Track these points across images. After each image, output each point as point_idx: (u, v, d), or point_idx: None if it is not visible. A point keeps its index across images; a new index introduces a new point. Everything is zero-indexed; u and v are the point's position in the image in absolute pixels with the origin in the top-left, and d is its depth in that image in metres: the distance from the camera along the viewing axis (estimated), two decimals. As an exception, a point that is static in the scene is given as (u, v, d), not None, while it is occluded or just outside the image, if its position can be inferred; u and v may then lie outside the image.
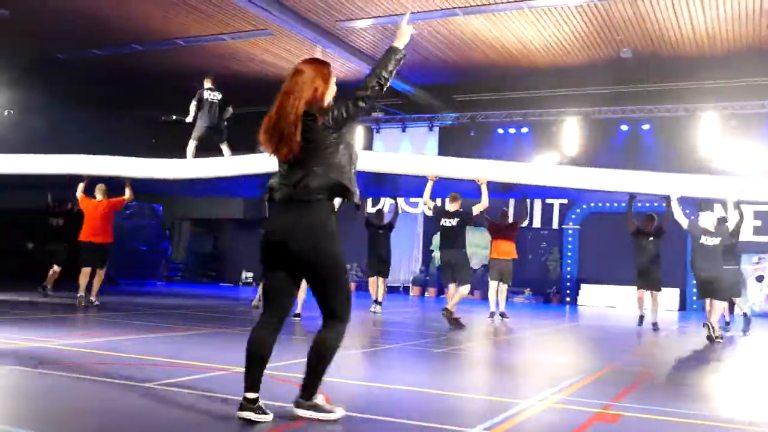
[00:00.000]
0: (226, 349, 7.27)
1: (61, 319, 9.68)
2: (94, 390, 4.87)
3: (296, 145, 4.10)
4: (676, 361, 8.65)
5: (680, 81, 17.39)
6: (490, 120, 19.78)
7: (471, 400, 5.34)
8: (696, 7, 12.93)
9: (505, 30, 14.40)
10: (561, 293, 19.03)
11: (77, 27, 15.22)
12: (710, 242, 9.80)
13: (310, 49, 16.12)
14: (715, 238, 9.81)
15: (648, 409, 5.08)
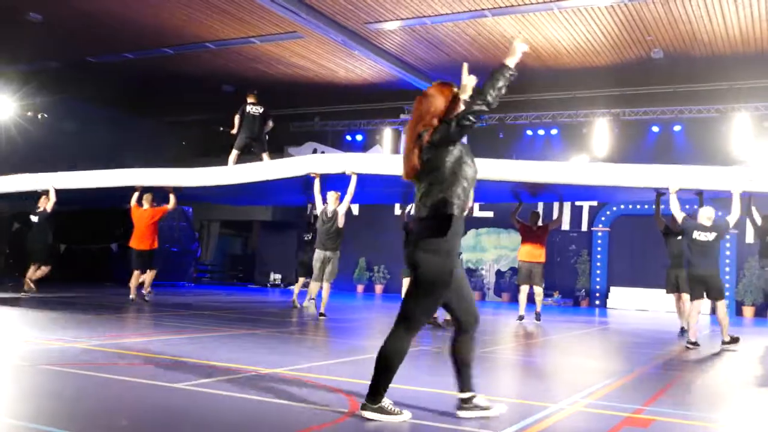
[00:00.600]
0: (255, 350, 7.31)
1: (94, 320, 9.80)
2: (127, 390, 4.93)
3: (412, 165, 4.35)
4: (709, 366, 8.52)
5: (712, 81, 17.16)
6: (519, 122, 19.69)
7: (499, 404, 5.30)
8: (729, 7, 12.74)
9: (534, 31, 14.32)
10: (590, 296, 18.86)
11: (109, 31, 15.41)
12: (703, 238, 9.21)
13: (339, 52, 16.19)
14: (710, 233, 9.22)
15: (680, 414, 5.01)
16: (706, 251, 9.20)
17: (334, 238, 11.23)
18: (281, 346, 7.80)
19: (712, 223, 9.28)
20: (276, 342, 8.22)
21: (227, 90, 19.48)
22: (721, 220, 9.52)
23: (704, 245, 9.18)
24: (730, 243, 17.71)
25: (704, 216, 9.32)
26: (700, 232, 9.22)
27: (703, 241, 9.18)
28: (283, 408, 4.54)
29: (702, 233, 9.21)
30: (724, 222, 9.43)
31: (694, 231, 9.24)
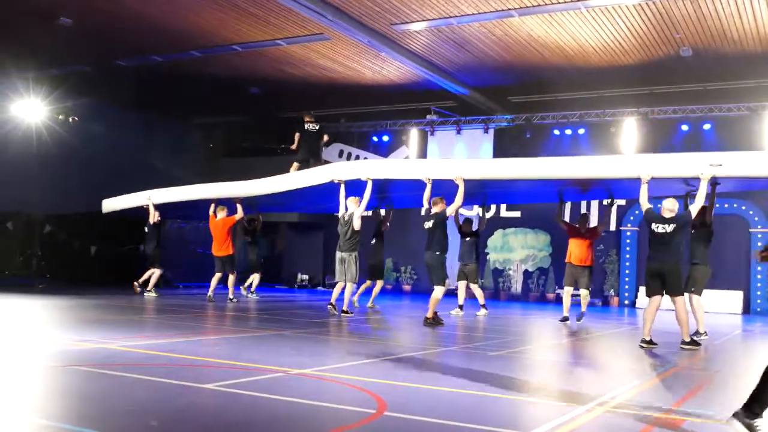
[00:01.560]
0: (280, 351, 7.35)
1: (123, 321, 9.93)
2: (156, 391, 4.99)
3: None
4: (739, 366, 8.42)
5: (742, 79, 16.92)
6: (545, 121, 19.58)
7: (528, 404, 5.30)
8: (760, 3, 12.56)
9: (561, 30, 14.23)
10: (619, 296, 18.70)
11: (137, 34, 15.59)
12: (662, 230, 8.82)
13: (365, 53, 16.23)
14: (669, 225, 8.78)
15: (710, 414, 4.96)
16: (665, 244, 8.81)
17: (350, 240, 11.75)
18: (308, 347, 7.84)
19: (673, 215, 8.87)
20: (303, 342, 8.27)
21: (254, 92, 19.61)
22: (682, 212, 9.08)
23: (663, 237, 8.81)
24: (762, 241, 17.46)
25: (665, 207, 8.93)
26: (659, 224, 8.85)
27: (661, 233, 8.82)
28: (311, 408, 4.57)
29: (661, 225, 8.83)
30: (685, 214, 9.03)
31: (653, 223, 8.91)
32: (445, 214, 10.91)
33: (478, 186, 11.73)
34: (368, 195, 11.71)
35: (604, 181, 10.79)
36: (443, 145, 20.72)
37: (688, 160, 9.70)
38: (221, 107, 21.76)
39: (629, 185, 10.45)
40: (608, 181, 10.78)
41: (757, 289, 17.29)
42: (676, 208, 8.94)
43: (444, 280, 10.88)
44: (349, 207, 11.86)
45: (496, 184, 11.69)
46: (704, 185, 9.22)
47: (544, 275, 19.54)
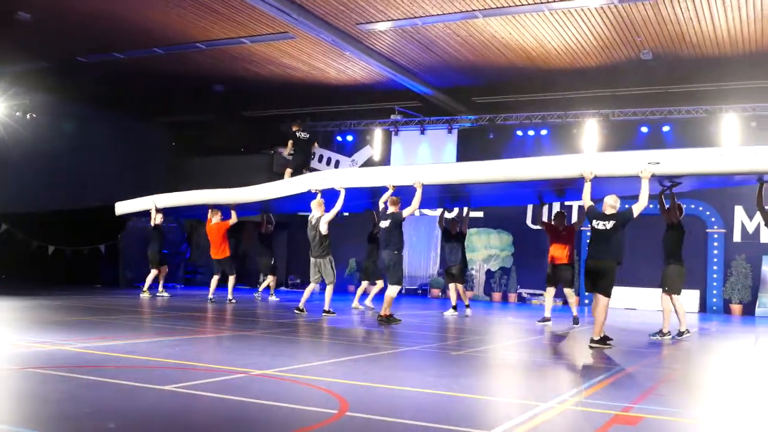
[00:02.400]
0: (246, 351, 7.31)
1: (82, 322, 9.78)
2: (114, 393, 4.92)
3: None
4: (697, 363, 8.58)
5: (701, 82, 17.22)
6: (509, 122, 19.73)
7: (489, 403, 5.33)
8: (718, 9, 12.81)
9: (524, 32, 14.35)
10: (580, 295, 18.92)
11: (99, 30, 15.34)
12: (601, 226, 8.72)
13: (330, 52, 16.19)
14: (608, 222, 8.68)
15: (668, 411, 5.05)
16: (603, 241, 8.72)
17: (318, 245, 11.83)
18: (272, 348, 7.80)
19: (614, 212, 8.80)
20: (267, 343, 8.22)
21: (218, 90, 19.45)
22: (623, 209, 8.91)
23: (601, 234, 8.71)
24: (717, 242, 17.81)
25: (606, 203, 8.87)
26: (599, 221, 8.77)
27: (600, 229, 8.72)
28: (273, 409, 4.55)
29: (601, 222, 8.75)
30: (625, 211, 8.83)
31: (593, 219, 8.85)
32: (402, 215, 10.95)
33: (448, 190, 11.91)
34: (340, 203, 11.82)
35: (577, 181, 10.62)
36: (407, 145, 20.76)
37: (628, 159, 9.74)
38: (185, 105, 21.54)
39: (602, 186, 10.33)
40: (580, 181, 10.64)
41: (713, 288, 17.63)
42: (617, 205, 8.89)
43: (400, 279, 10.97)
44: (314, 211, 11.98)
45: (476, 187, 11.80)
46: (645, 184, 9.14)
47: (507, 275, 19.70)
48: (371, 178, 12.22)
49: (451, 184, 11.55)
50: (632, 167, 9.44)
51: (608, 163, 9.82)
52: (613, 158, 10.03)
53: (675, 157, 9.50)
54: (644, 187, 9.14)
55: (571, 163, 10.27)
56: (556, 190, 12.27)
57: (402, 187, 11.44)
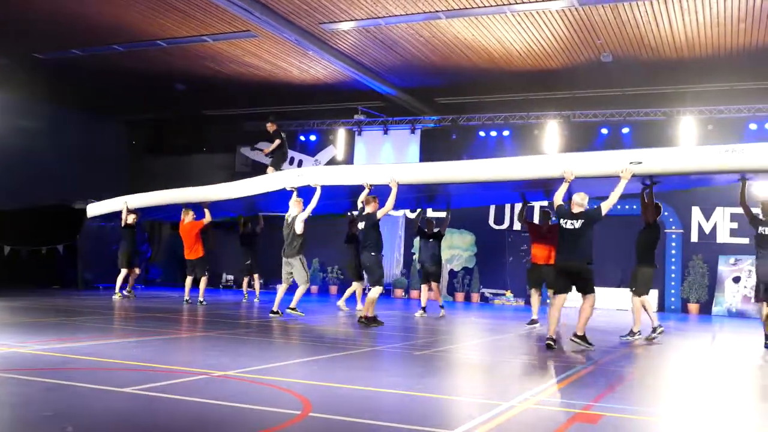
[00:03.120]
0: (207, 352, 7.24)
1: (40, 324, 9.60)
2: (73, 395, 4.84)
3: None
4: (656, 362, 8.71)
5: (659, 85, 17.52)
6: (471, 123, 19.85)
7: (452, 402, 5.35)
8: (675, 13, 13.03)
9: (487, 33, 14.44)
10: (542, 295, 19.07)
11: (57, 27, 15.05)
12: (570, 226, 8.53)
13: (293, 52, 16.11)
14: (577, 221, 8.49)
15: (627, 409, 5.12)
16: (573, 240, 8.53)
17: (292, 245, 11.43)
18: (234, 348, 7.73)
19: (582, 210, 8.62)
20: (228, 344, 8.15)
21: (179, 88, 19.23)
22: (591, 208, 8.72)
23: (571, 234, 8.53)
24: (675, 242, 18.13)
25: (574, 202, 8.70)
26: (568, 220, 8.58)
27: (570, 229, 8.53)
28: (234, 411, 4.51)
29: (570, 221, 8.57)
30: (593, 209, 8.65)
31: (562, 218, 8.65)
32: (376, 216, 10.73)
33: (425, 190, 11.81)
34: (315, 201, 11.48)
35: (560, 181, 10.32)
36: (370, 145, 20.76)
37: (609, 158, 9.68)
38: (146, 104, 21.26)
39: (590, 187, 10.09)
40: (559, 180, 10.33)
41: (671, 288, 17.95)
42: (585, 203, 8.73)
43: (381, 279, 10.74)
44: (291, 209, 11.63)
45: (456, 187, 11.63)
46: (622, 183, 9.02)
47: (470, 275, 19.81)
48: (347, 176, 11.95)
49: (430, 184, 11.40)
50: (613, 167, 9.33)
51: (589, 163, 9.71)
52: (594, 158, 9.94)
53: (657, 157, 9.42)
54: (619, 186, 8.99)
55: (551, 162, 10.17)
56: (544, 190, 11.91)
57: (380, 186, 11.21)
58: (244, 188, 13.60)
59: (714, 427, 4.92)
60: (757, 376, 7.89)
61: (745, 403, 6.13)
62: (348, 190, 12.14)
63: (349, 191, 12.16)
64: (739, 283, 17.33)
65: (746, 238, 17.21)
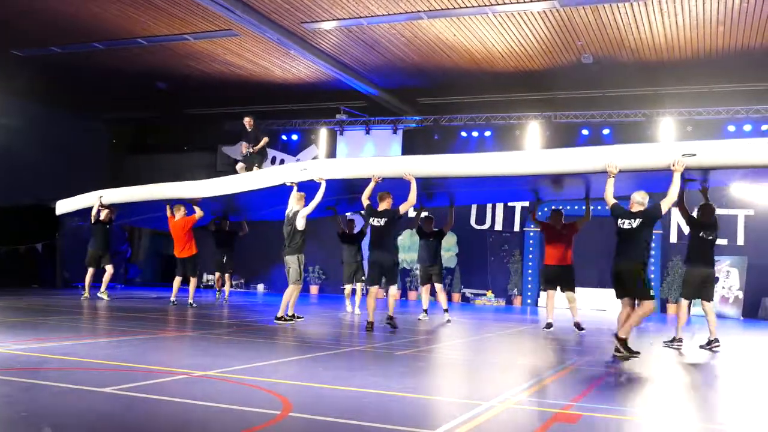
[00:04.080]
0: (185, 353, 7.20)
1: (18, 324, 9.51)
2: (52, 395, 4.80)
3: None
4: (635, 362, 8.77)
5: (639, 87, 17.67)
6: (453, 123, 19.90)
7: (433, 402, 5.36)
8: (655, 15, 13.14)
9: (468, 34, 14.49)
10: (523, 295, 19.19)
11: (35, 23, 14.91)
12: (626, 225, 8.05)
13: (275, 51, 16.07)
14: (634, 220, 8.03)
15: (606, 408, 5.15)
16: (627, 240, 8.07)
17: (292, 242, 10.75)
18: (214, 348, 7.71)
19: (642, 209, 8.12)
20: (209, 344, 8.12)
21: (160, 87, 19.12)
22: (651, 206, 8.21)
23: (627, 234, 8.05)
24: (654, 243, 18.26)
25: (634, 200, 8.18)
26: (624, 219, 8.09)
27: (626, 229, 8.05)
28: (214, 411, 4.49)
29: (627, 220, 8.07)
30: (652, 207, 8.15)
31: (619, 218, 8.15)
32: (399, 211, 10.05)
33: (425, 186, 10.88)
34: (320, 197, 10.64)
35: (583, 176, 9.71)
36: (352, 145, 20.75)
37: (659, 150, 9.03)
38: (126, 102, 21.11)
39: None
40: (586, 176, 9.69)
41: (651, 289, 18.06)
42: (646, 202, 8.17)
43: (397, 277, 10.41)
44: (291, 205, 10.88)
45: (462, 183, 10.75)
46: (677, 177, 8.37)
47: (451, 275, 19.82)
48: (355, 169, 11.03)
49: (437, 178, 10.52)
50: (664, 159, 8.59)
51: (636, 156, 8.97)
52: (642, 150, 9.21)
53: (712, 149, 8.69)
54: (675, 181, 8.36)
55: (593, 155, 9.25)
56: (554, 187, 11.12)
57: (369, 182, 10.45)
58: (239, 184, 12.65)
59: (691, 425, 4.96)
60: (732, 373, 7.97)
61: (722, 401, 6.20)
62: (346, 186, 11.32)
63: (347, 186, 11.39)
64: (717, 284, 17.49)
65: (724, 240, 17.39)
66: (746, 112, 17.09)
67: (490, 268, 19.63)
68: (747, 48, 14.56)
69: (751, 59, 15.16)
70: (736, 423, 5.12)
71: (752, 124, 17.05)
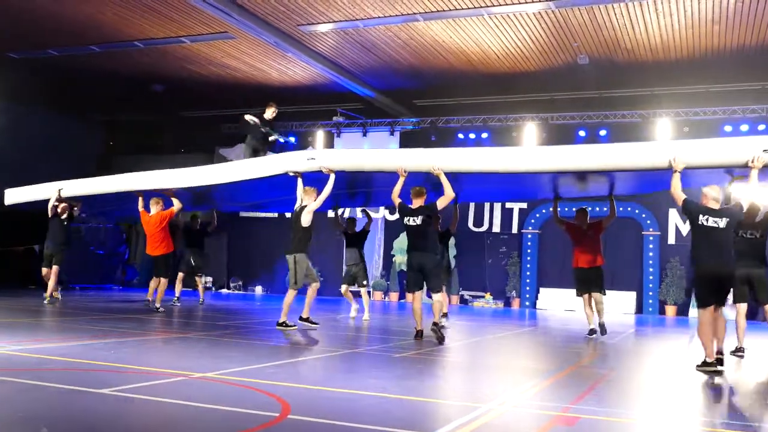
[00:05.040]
0: (183, 354, 7.19)
1: (15, 324, 9.48)
2: (49, 396, 4.78)
3: None
4: (634, 364, 8.78)
5: (635, 87, 17.70)
6: (450, 125, 19.90)
7: (431, 405, 5.36)
8: (651, 15, 13.16)
9: (465, 36, 14.49)
10: (521, 297, 19.19)
11: (32, 26, 14.91)
12: (712, 224, 7.34)
13: (271, 53, 16.07)
14: (720, 219, 7.36)
15: (604, 411, 5.15)
16: (722, 242, 7.40)
17: (295, 239, 9.93)
18: (212, 350, 7.69)
19: (721, 207, 7.53)
20: (207, 346, 8.10)
21: (157, 89, 19.11)
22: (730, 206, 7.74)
23: (718, 234, 7.37)
24: (653, 244, 18.28)
25: (709, 196, 7.52)
26: (709, 217, 7.38)
27: (714, 228, 7.35)
28: (212, 413, 4.48)
29: (711, 218, 7.38)
30: (733, 207, 7.70)
31: (700, 215, 7.43)
32: (436, 207, 9.19)
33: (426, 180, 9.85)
34: (328, 190, 9.81)
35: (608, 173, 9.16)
36: (349, 147, 20.72)
37: (735, 146, 8.26)
38: (123, 104, 21.12)
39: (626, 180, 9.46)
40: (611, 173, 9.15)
41: (649, 290, 18.09)
42: (720, 198, 7.63)
43: (442, 283, 9.69)
44: (301, 199, 10.05)
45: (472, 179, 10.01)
46: (755, 175, 7.71)
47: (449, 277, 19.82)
48: (372, 161, 10.02)
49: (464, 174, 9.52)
50: (741, 155, 7.90)
51: (707, 152, 8.28)
52: (714, 145, 8.47)
53: None
54: (753, 180, 7.74)
55: (658, 151, 8.50)
56: (578, 184, 10.42)
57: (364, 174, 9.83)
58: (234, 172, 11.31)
59: (689, 428, 4.96)
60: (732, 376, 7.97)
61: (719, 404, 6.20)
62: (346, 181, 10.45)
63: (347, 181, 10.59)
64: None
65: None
66: (743, 112, 17.13)
67: (488, 270, 19.63)
68: (743, 47, 14.58)
69: (747, 58, 15.19)
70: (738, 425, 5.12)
71: (749, 124, 17.08)
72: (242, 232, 21.72)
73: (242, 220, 21.69)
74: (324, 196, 9.85)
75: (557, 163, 8.99)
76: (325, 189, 9.81)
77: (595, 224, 10.96)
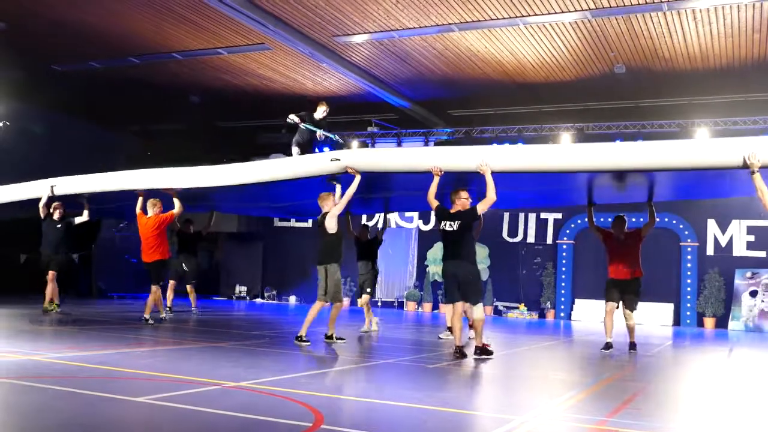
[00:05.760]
0: (217, 364, 7.23)
1: (51, 332, 9.64)
2: (86, 404, 4.84)
3: None
4: (671, 376, 8.63)
5: (673, 97, 17.48)
6: (485, 135, 19.85)
7: (466, 416, 5.32)
8: (689, 24, 13.01)
9: (500, 46, 14.46)
10: (556, 308, 19.02)
11: (74, 39, 15.24)
12: None
13: (307, 64, 16.19)
14: None
15: (641, 424, 5.07)
16: None
17: (323, 249, 9.32)
18: (246, 360, 7.73)
19: None
20: (241, 355, 8.15)
21: (194, 101, 19.36)
22: None
23: None
24: (691, 255, 17.99)
25: None
26: None
27: None
28: (246, 422, 4.50)
29: None
30: None
31: None
32: (476, 211, 8.48)
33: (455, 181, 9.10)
34: (352, 192, 9.19)
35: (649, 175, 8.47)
36: (384, 157, 20.78)
37: None
38: (161, 115, 21.41)
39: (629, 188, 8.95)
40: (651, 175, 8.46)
41: (687, 302, 17.80)
42: None
43: (482, 294, 9.17)
44: (321, 205, 9.41)
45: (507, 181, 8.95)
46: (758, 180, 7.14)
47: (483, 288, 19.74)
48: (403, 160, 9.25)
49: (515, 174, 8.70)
50: None
51: None
52: None
53: None
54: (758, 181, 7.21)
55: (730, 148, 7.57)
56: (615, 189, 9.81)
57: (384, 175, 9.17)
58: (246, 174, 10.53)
59: (730, 442, 4.86)
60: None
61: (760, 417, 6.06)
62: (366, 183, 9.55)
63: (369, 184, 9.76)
64: (756, 297, 17.17)
65: (763, 252, 17.11)
66: (783, 122, 16.83)
67: (523, 281, 19.50)
68: (784, 57, 14.34)
69: (788, 68, 14.94)
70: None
71: (790, 134, 16.76)
72: (277, 241, 21.88)
73: (277, 229, 21.86)
74: (347, 198, 9.21)
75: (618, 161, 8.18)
76: (348, 190, 9.21)
77: (633, 233, 10.39)
